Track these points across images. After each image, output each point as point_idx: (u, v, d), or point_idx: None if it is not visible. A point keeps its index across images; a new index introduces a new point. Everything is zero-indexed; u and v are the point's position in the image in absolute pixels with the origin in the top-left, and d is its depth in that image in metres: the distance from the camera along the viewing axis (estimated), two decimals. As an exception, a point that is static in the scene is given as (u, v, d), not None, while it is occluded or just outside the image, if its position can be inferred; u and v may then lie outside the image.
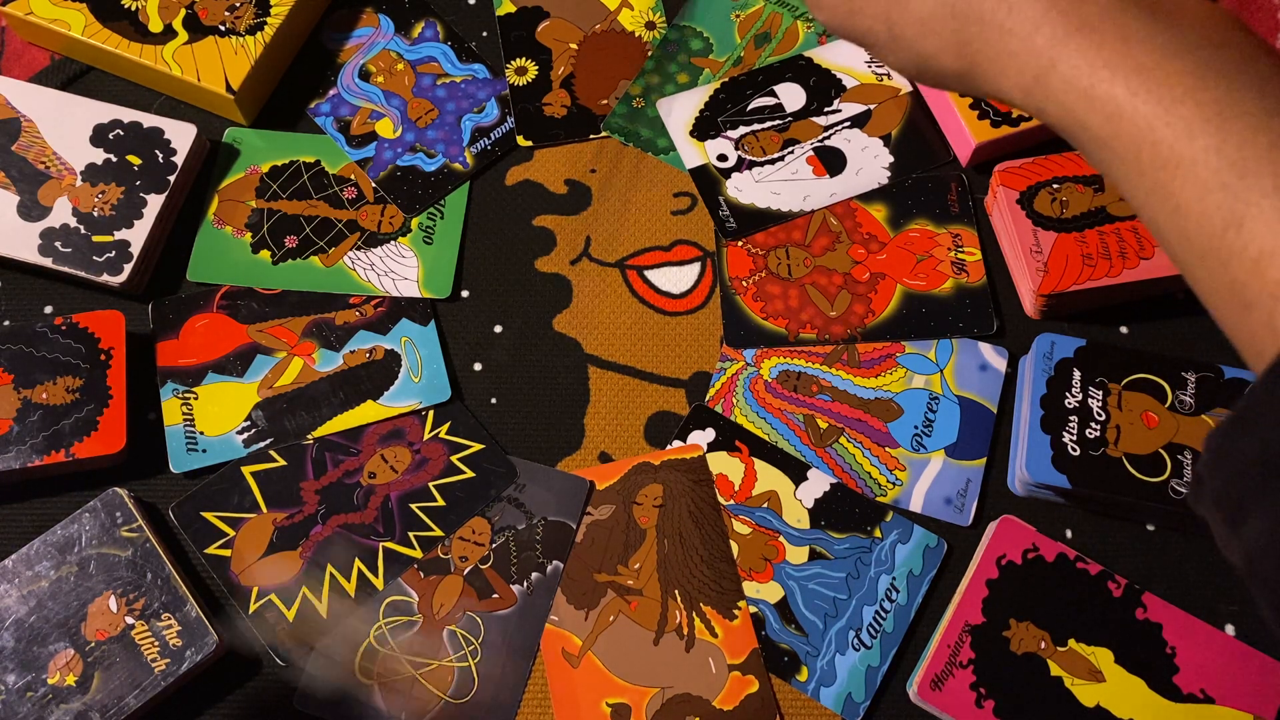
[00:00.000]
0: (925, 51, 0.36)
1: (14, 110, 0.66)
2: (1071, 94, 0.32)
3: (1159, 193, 0.30)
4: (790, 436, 0.62)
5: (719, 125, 0.70)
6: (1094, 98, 0.31)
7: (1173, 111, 0.30)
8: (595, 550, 0.59)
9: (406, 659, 0.57)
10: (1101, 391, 0.59)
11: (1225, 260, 0.29)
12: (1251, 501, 0.28)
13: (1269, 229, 0.28)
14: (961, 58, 0.35)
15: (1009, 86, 0.34)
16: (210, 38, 0.68)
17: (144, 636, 0.55)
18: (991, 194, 0.66)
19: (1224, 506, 0.29)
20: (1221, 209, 0.29)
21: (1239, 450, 0.28)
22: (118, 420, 0.59)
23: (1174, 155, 0.30)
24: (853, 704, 0.56)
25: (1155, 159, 0.30)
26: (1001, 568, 0.57)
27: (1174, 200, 0.30)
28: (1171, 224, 0.30)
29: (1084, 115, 0.32)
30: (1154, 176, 0.30)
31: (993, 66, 0.34)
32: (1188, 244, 0.30)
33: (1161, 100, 0.30)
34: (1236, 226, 0.28)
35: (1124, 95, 0.31)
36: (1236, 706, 0.55)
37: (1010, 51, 0.33)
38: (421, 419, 0.62)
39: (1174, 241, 0.31)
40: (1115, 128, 0.31)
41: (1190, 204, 0.30)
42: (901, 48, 0.36)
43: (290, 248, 0.66)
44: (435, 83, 0.71)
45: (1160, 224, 0.31)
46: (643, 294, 0.66)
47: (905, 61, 0.37)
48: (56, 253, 0.62)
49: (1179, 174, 0.30)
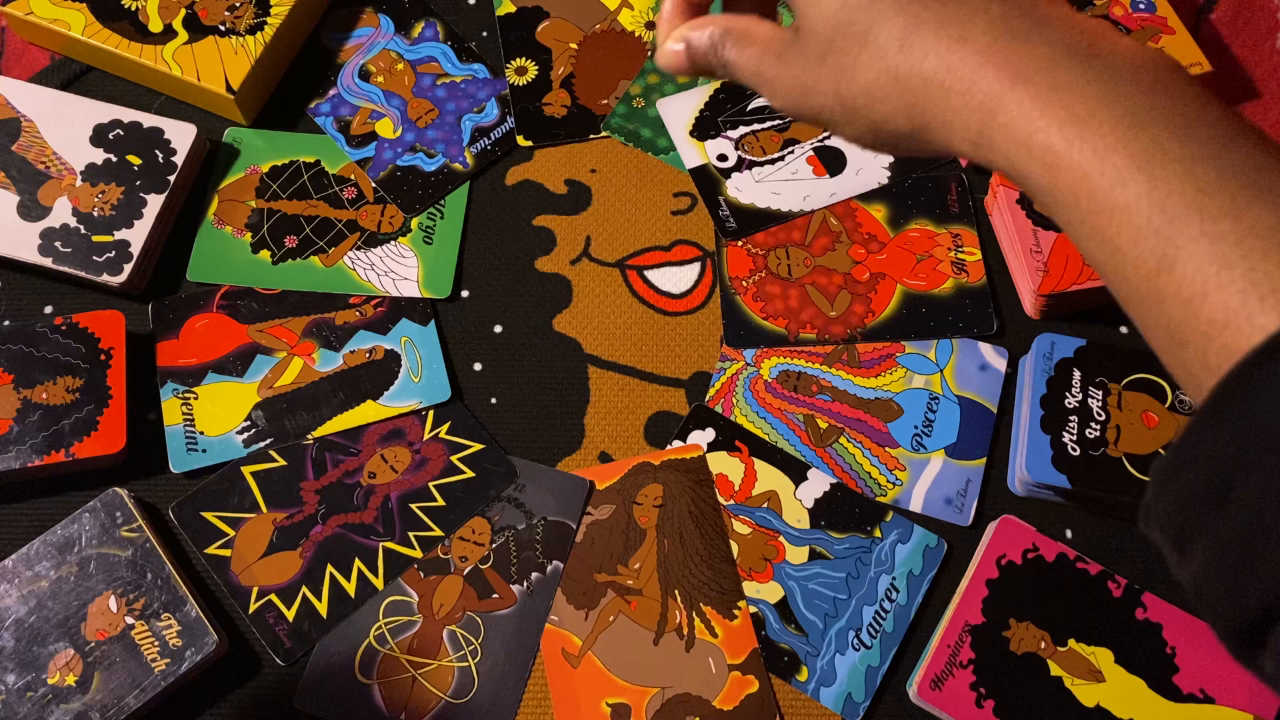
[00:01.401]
0: (877, 119, 0.37)
1: (14, 110, 0.66)
2: (1012, 144, 0.33)
3: (1097, 237, 0.32)
4: (790, 436, 0.62)
5: (719, 125, 0.70)
6: (1032, 148, 0.32)
7: (1105, 160, 0.31)
8: (595, 550, 0.59)
9: (406, 659, 0.57)
10: (1101, 391, 0.59)
11: (1160, 301, 0.30)
12: (1195, 530, 0.29)
13: (1199, 272, 0.29)
14: (911, 119, 0.36)
15: (957, 141, 0.35)
16: (210, 38, 0.68)
17: (144, 636, 0.55)
18: (991, 194, 0.66)
19: (1170, 535, 0.30)
20: (1154, 253, 0.30)
21: (1181, 482, 0.29)
22: (118, 420, 0.59)
23: (1109, 202, 0.31)
24: (853, 704, 0.56)
25: (1092, 205, 0.31)
26: (1001, 568, 0.57)
27: (1112, 245, 0.31)
28: (1111, 266, 0.32)
29: (1024, 165, 0.33)
30: (1092, 222, 0.32)
31: (939, 123, 0.35)
32: (1127, 285, 0.31)
33: (1095, 149, 0.31)
34: (1169, 270, 0.30)
35: (1060, 145, 0.32)
36: (1236, 706, 0.55)
37: (953, 109, 0.34)
38: (421, 419, 0.62)
39: (1115, 282, 0.32)
40: (1054, 177, 0.32)
41: (1126, 248, 0.31)
42: (855, 118, 0.37)
43: (290, 248, 0.66)
44: (435, 83, 0.71)
45: (1102, 266, 0.32)
46: (643, 294, 0.66)
47: (862, 131, 0.38)
48: (56, 253, 0.62)
49: (1114, 220, 0.31)
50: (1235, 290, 0.28)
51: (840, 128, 0.38)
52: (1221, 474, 0.28)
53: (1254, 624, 0.28)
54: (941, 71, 0.34)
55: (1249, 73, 0.72)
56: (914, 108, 0.35)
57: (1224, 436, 0.28)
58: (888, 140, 0.38)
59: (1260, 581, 0.27)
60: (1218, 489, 0.28)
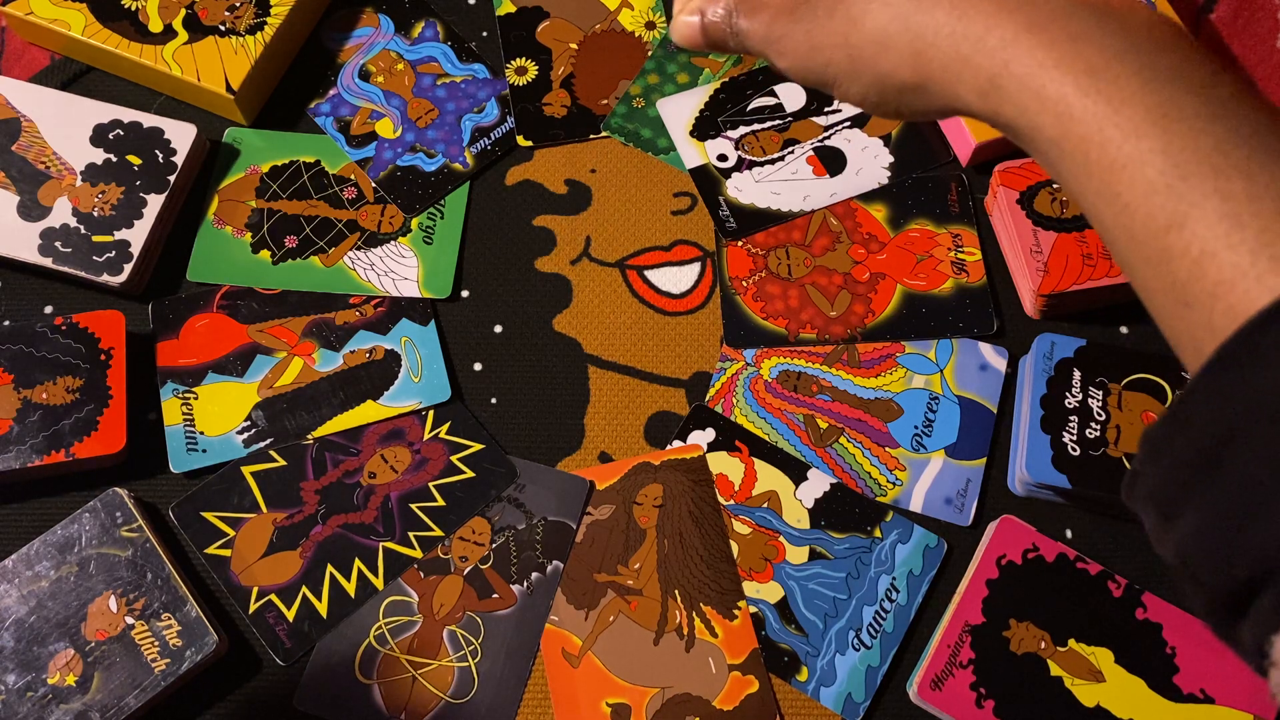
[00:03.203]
0: (883, 70, 0.37)
1: (14, 110, 0.66)
2: (1024, 94, 0.33)
3: (1106, 193, 0.31)
4: (790, 436, 0.62)
5: (719, 125, 0.70)
6: (1045, 97, 0.32)
7: (1120, 112, 0.31)
8: (595, 550, 0.59)
9: (406, 659, 0.57)
10: (1101, 391, 0.59)
11: (1168, 260, 0.30)
12: (1184, 498, 0.29)
13: (1210, 230, 0.28)
14: (918, 70, 0.36)
15: (964, 92, 0.35)
16: (210, 38, 0.68)
17: (144, 636, 0.55)
18: (991, 194, 0.66)
19: (1159, 503, 0.30)
20: (1165, 209, 0.29)
21: (1175, 448, 0.29)
22: (118, 420, 0.59)
23: (1121, 156, 0.30)
24: (853, 704, 0.56)
25: (1103, 159, 0.31)
26: (1001, 568, 0.57)
27: (1121, 200, 0.31)
28: (1118, 224, 0.31)
29: (1036, 115, 0.33)
30: (1101, 177, 0.31)
31: (948, 74, 0.35)
32: (1133, 243, 0.31)
33: (1110, 101, 0.31)
34: (1179, 227, 0.29)
35: (1074, 95, 0.31)
36: (1236, 706, 0.55)
37: (963, 56, 0.34)
38: (421, 419, 0.62)
39: (1120, 241, 0.32)
40: (1066, 128, 0.32)
41: (1136, 204, 0.30)
42: (861, 70, 0.37)
43: (290, 248, 0.66)
44: (435, 83, 0.71)
45: (1107, 224, 0.32)
46: (643, 294, 0.66)
47: (867, 86, 0.38)
48: (56, 253, 0.62)
49: (1125, 174, 0.30)
50: (1246, 250, 0.28)
51: (845, 84, 0.38)
52: (1215, 439, 0.28)
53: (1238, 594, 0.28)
54: (954, 18, 0.34)
55: (1249, 73, 0.72)
56: (922, 56, 0.35)
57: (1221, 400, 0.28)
58: (892, 96, 0.37)
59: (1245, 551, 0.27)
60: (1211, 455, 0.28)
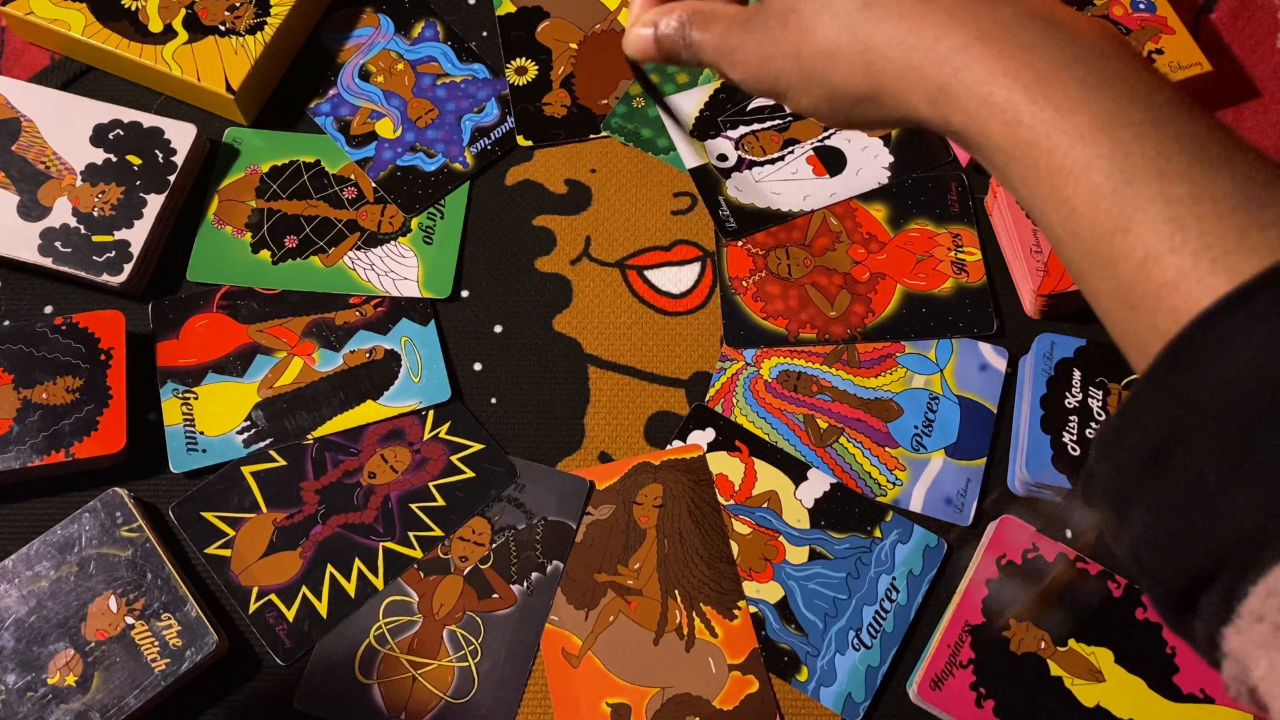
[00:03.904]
0: (835, 81, 0.37)
1: (14, 110, 0.66)
2: (973, 101, 0.33)
3: (1054, 198, 0.32)
4: (790, 436, 0.62)
5: (719, 125, 0.70)
6: (994, 104, 0.33)
7: (1068, 119, 0.31)
8: (595, 550, 0.59)
9: (406, 659, 0.57)
10: (1101, 391, 0.59)
11: (1114, 263, 0.30)
12: (1135, 495, 0.29)
13: (1154, 233, 0.29)
14: (869, 80, 0.36)
15: (915, 101, 0.35)
16: (210, 38, 0.68)
17: (144, 636, 0.55)
18: (991, 194, 0.66)
19: (1111, 501, 0.31)
20: (1111, 214, 0.30)
21: (1124, 447, 0.30)
22: (118, 420, 0.59)
23: (1068, 161, 0.31)
24: (853, 704, 0.56)
25: (1051, 165, 0.32)
26: (1001, 568, 0.57)
27: (1068, 205, 0.31)
28: (1066, 228, 0.32)
29: (985, 123, 0.33)
30: (1050, 182, 0.32)
31: (899, 83, 0.35)
32: (1080, 247, 0.32)
33: (1059, 108, 0.31)
34: (1124, 231, 0.30)
35: (1022, 102, 0.32)
36: (1236, 706, 0.55)
37: (914, 66, 0.34)
38: (421, 419, 0.62)
39: (1068, 245, 0.32)
40: (1014, 134, 0.32)
41: (1083, 209, 0.31)
42: (813, 83, 0.38)
43: (290, 248, 0.66)
44: (435, 83, 0.71)
45: (1056, 228, 0.32)
46: (643, 294, 0.66)
47: (819, 98, 0.38)
48: (56, 253, 0.62)
49: (1072, 179, 0.31)
50: (1188, 252, 0.28)
51: (797, 95, 0.39)
52: (1163, 437, 0.28)
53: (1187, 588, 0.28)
54: (904, 28, 0.35)
55: (1249, 73, 0.72)
56: (872, 66, 0.36)
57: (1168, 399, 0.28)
58: (844, 106, 0.38)
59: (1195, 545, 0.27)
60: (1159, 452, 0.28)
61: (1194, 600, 0.28)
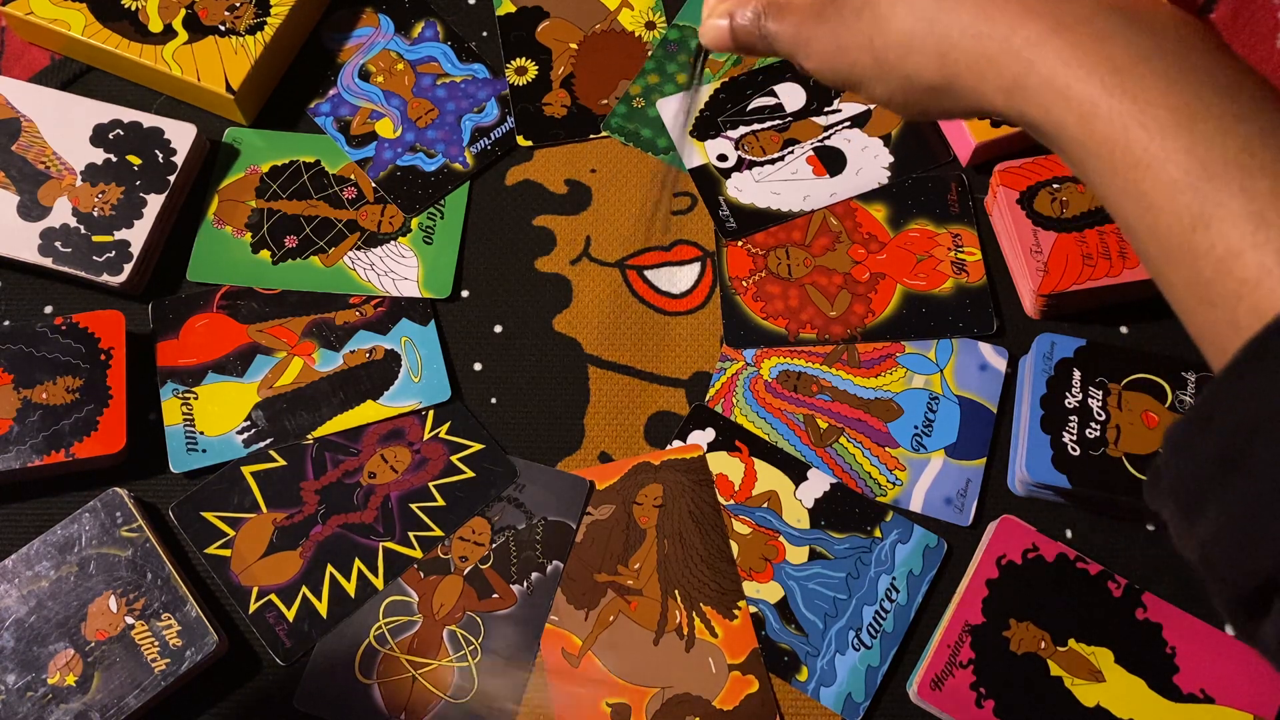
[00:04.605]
0: (909, 71, 0.37)
1: (14, 110, 0.66)
2: (1049, 94, 0.33)
3: (1131, 192, 0.31)
4: (790, 436, 0.62)
5: (719, 125, 0.70)
6: (1070, 97, 0.32)
7: (1146, 112, 0.31)
8: (595, 550, 0.59)
9: (406, 659, 0.57)
10: (1101, 391, 0.59)
11: (1192, 259, 0.30)
12: (1208, 496, 0.29)
13: (1235, 229, 0.29)
14: (943, 71, 0.36)
15: (989, 92, 0.35)
16: (210, 38, 0.68)
17: (144, 636, 0.55)
18: (991, 194, 0.66)
19: (1181, 501, 0.30)
20: (1190, 209, 0.30)
21: (1198, 445, 0.29)
22: (118, 420, 0.59)
23: (1146, 155, 0.31)
24: (853, 704, 0.56)
25: (1128, 158, 0.31)
26: (1001, 568, 0.57)
27: (1145, 200, 0.31)
28: (1143, 223, 0.31)
29: (1061, 115, 0.33)
30: (1126, 175, 0.31)
31: (973, 74, 0.35)
32: (1157, 242, 0.31)
33: (1136, 100, 0.31)
34: (1204, 226, 0.29)
35: (1099, 95, 0.32)
36: (1236, 706, 0.55)
37: (989, 56, 0.34)
38: (421, 419, 0.62)
39: (1145, 240, 0.32)
40: (1090, 127, 0.32)
41: (1161, 203, 0.30)
42: (887, 72, 0.38)
43: (290, 248, 0.66)
44: (435, 83, 0.71)
45: (1132, 223, 0.32)
46: (643, 294, 0.66)
47: (893, 88, 0.38)
48: (56, 253, 0.62)
49: (1150, 174, 0.31)
50: (1271, 249, 0.28)
51: (872, 86, 0.39)
52: (1240, 438, 0.28)
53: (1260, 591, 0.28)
54: (979, 19, 0.34)
55: (1249, 73, 0.72)
56: (947, 57, 0.35)
57: (1246, 399, 0.28)
58: (918, 97, 0.38)
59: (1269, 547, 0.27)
60: (1235, 454, 0.28)
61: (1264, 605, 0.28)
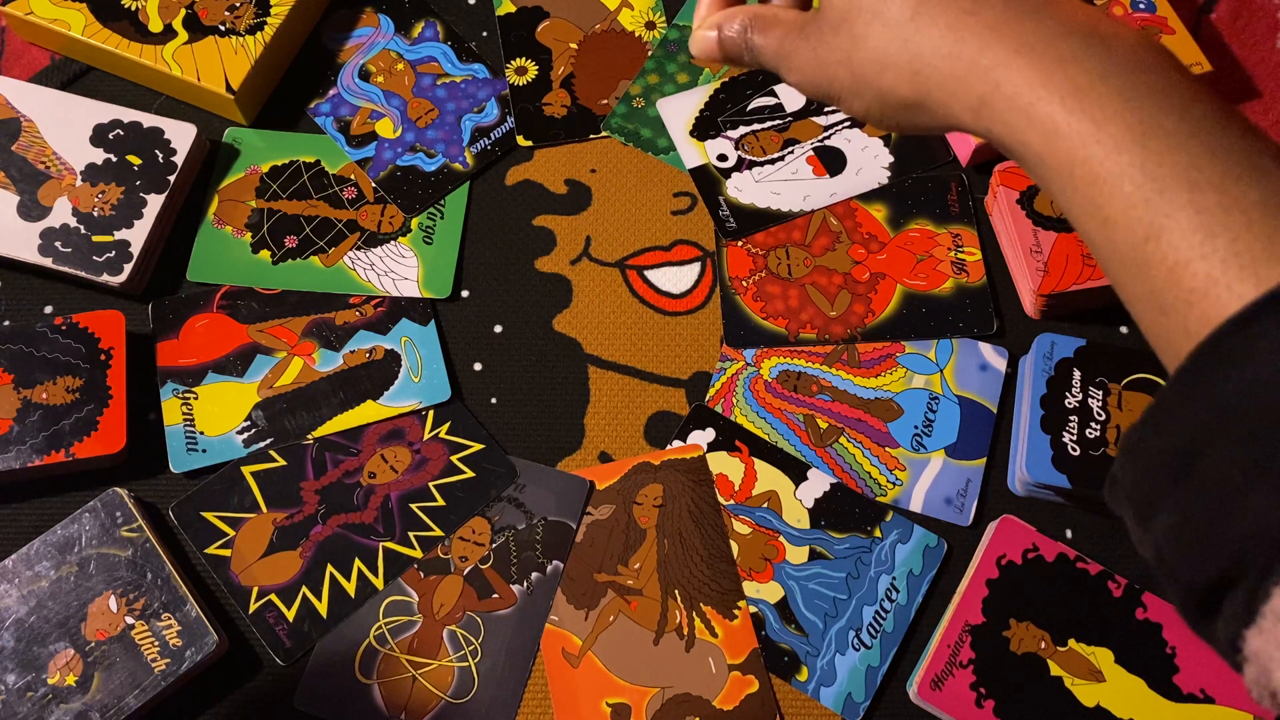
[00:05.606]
0: (884, 87, 0.38)
1: (14, 110, 0.66)
2: (1014, 113, 0.34)
3: (1089, 206, 0.33)
4: (790, 436, 0.62)
5: (719, 125, 0.70)
6: (1034, 117, 0.34)
7: (1103, 130, 0.32)
8: (595, 550, 0.59)
9: (406, 659, 0.57)
10: (1101, 391, 0.59)
11: (1146, 269, 0.31)
12: (1159, 498, 0.30)
13: (1184, 240, 0.30)
14: (915, 88, 0.37)
15: (959, 109, 0.36)
16: (210, 38, 0.68)
17: (144, 636, 0.55)
18: (991, 194, 0.66)
19: (1135, 503, 0.31)
20: (1143, 222, 0.31)
21: (1150, 448, 0.30)
22: (118, 420, 0.59)
23: (1103, 171, 0.32)
24: (853, 704, 0.56)
25: (1086, 175, 0.33)
26: (1001, 568, 0.57)
27: (1103, 213, 0.33)
28: (1101, 235, 0.33)
29: (1024, 133, 0.34)
30: (1085, 191, 0.33)
31: (943, 92, 0.36)
32: (1115, 254, 0.33)
33: (1094, 119, 0.32)
34: (1156, 238, 0.31)
35: (1060, 114, 0.33)
36: (1236, 706, 0.55)
37: (958, 75, 0.36)
38: (421, 419, 0.62)
39: (1103, 251, 0.33)
40: (1052, 145, 0.33)
41: (1116, 217, 0.32)
42: (863, 88, 0.39)
43: (290, 248, 0.66)
44: (435, 83, 0.71)
45: (1092, 236, 0.34)
46: (643, 294, 0.66)
47: (869, 103, 0.40)
48: (56, 253, 0.62)
49: (1106, 189, 0.32)
50: (1217, 259, 0.29)
51: (850, 99, 0.40)
52: (1190, 441, 0.29)
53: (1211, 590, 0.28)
54: (949, 40, 0.36)
55: (1249, 73, 0.72)
56: (919, 75, 0.37)
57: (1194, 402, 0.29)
58: (893, 112, 0.39)
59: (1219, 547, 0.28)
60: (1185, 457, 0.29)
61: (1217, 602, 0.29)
